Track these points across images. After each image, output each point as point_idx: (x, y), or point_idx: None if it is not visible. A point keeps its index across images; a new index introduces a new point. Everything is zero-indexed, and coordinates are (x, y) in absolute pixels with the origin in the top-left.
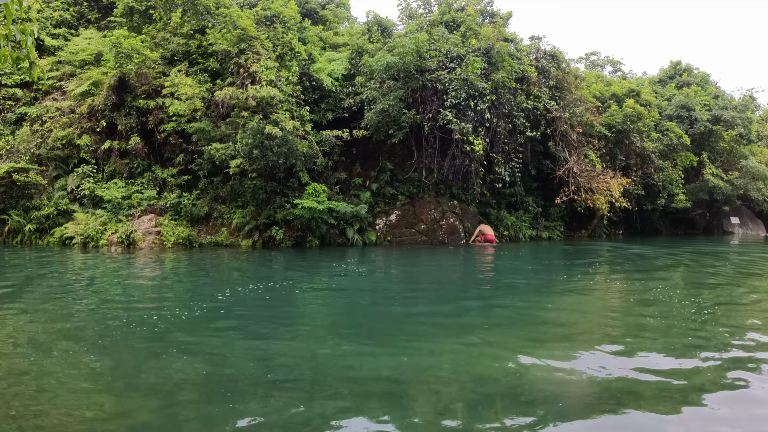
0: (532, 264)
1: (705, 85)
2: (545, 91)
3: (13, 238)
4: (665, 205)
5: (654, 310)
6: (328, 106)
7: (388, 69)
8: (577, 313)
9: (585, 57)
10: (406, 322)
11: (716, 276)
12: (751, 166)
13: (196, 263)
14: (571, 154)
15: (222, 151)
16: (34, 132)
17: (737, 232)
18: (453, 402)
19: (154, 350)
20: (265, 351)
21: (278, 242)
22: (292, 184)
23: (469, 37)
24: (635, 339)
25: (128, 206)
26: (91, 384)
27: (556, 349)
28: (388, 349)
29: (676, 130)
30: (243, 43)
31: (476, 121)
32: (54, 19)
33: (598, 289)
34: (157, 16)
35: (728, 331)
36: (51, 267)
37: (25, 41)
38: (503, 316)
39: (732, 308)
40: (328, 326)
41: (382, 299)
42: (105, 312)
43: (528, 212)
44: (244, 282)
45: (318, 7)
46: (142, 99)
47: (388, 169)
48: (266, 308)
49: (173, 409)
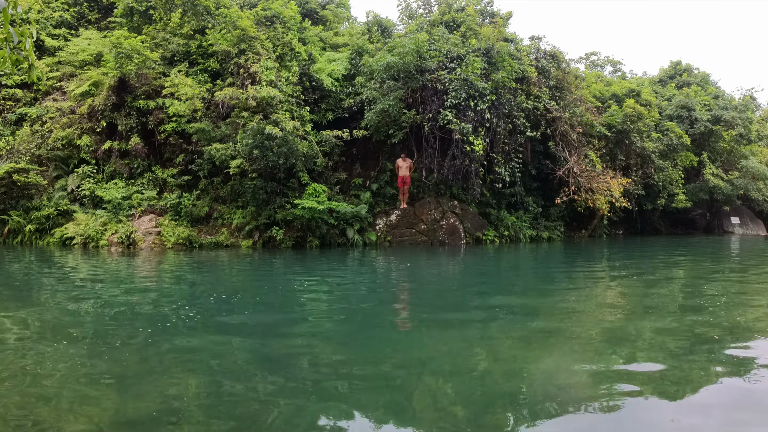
0: (532, 264)
1: (705, 85)
2: (545, 91)
3: (13, 238)
4: (665, 205)
5: (655, 310)
6: (328, 107)
7: (388, 69)
8: (578, 313)
9: (585, 57)
10: (406, 322)
11: (717, 273)
12: (751, 166)
13: (196, 264)
14: (571, 154)
15: (222, 151)
16: (34, 132)
17: (737, 231)
18: (453, 402)
19: (154, 351)
20: (266, 351)
21: (278, 242)
22: (293, 184)
23: (469, 37)
24: (636, 339)
25: (128, 207)
26: (89, 387)
27: (557, 350)
28: (388, 349)
29: (676, 130)
30: (243, 44)
31: (476, 121)
32: (54, 19)
33: (598, 289)
34: (157, 17)
35: (727, 330)
36: (51, 267)
37: (24, 44)
38: (504, 316)
39: (732, 307)
40: (329, 326)
41: (382, 299)
42: (105, 313)
43: (528, 212)
44: (244, 282)
45: (318, 8)
46: (142, 99)
47: (388, 170)
48: (266, 308)
49: (173, 410)
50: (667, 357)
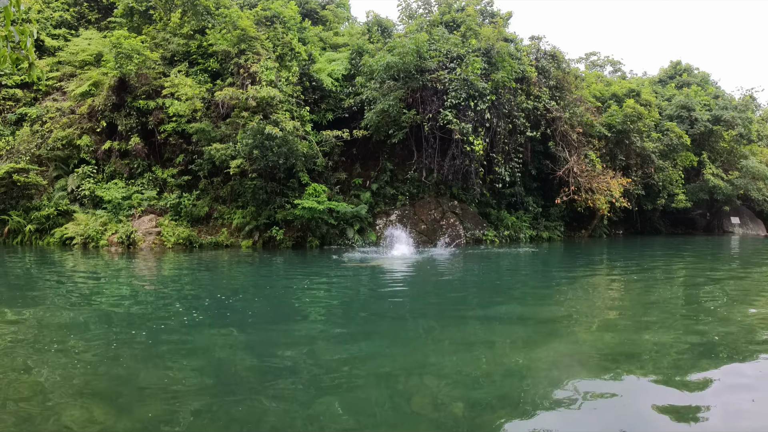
0: (533, 264)
1: (705, 85)
2: (545, 91)
3: (13, 238)
4: (665, 205)
5: (655, 310)
6: (328, 107)
7: (388, 69)
8: (578, 313)
9: (585, 57)
10: (406, 322)
11: (718, 271)
12: (751, 166)
13: (196, 264)
14: (571, 154)
15: (222, 151)
16: (34, 132)
17: (737, 231)
18: (453, 401)
19: (155, 352)
20: (266, 352)
21: (278, 242)
22: (293, 184)
23: (469, 37)
24: (636, 339)
25: (128, 207)
26: (88, 388)
27: (557, 349)
28: (388, 348)
29: (676, 130)
30: (243, 44)
31: (476, 121)
32: (54, 19)
33: (599, 289)
34: (157, 17)
35: (727, 327)
36: (50, 268)
37: (25, 42)
38: (504, 315)
39: (733, 305)
40: (328, 326)
41: (381, 299)
42: (104, 314)
43: (528, 212)
44: (244, 283)
45: (318, 8)
46: (142, 99)
47: (388, 170)
48: (267, 309)
49: (173, 411)
50: (667, 356)
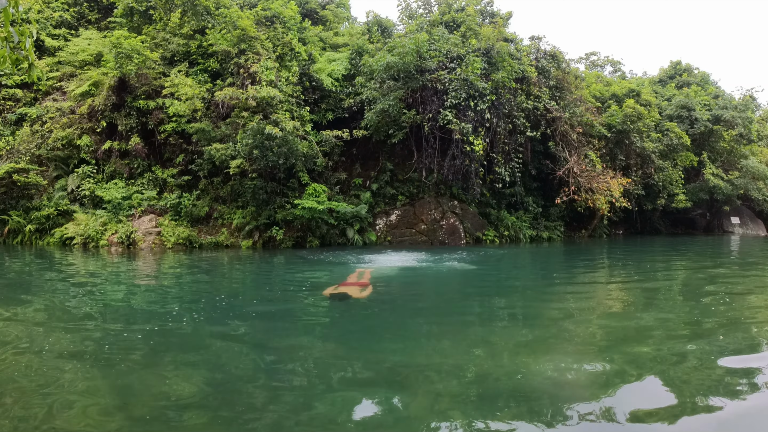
0: (532, 264)
1: (705, 85)
2: (545, 91)
3: (13, 238)
4: (665, 205)
5: (656, 310)
6: (328, 107)
7: (388, 69)
8: (578, 313)
9: (585, 57)
10: (406, 321)
11: (719, 269)
12: (751, 165)
13: (196, 264)
14: (571, 154)
15: (222, 151)
16: (34, 132)
17: (737, 231)
18: (453, 401)
19: (154, 352)
20: (266, 352)
21: (278, 242)
22: (292, 184)
23: (469, 37)
24: (637, 339)
25: (128, 207)
26: (88, 393)
27: (558, 350)
28: (388, 348)
29: (676, 130)
30: (243, 44)
31: (476, 121)
32: (54, 19)
33: (600, 289)
34: (157, 17)
35: (726, 327)
36: (50, 268)
37: (24, 43)
38: (505, 316)
39: (734, 305)
40: (328, 326)
41: (381, 300)
42: (104, 315)
43: (528, 212)
44: (244, 284)
45: (318, 8)
46: (142, 99)
47: (388, 170)
48: (267, 309)
49: (173, 411)
50: (668, 357)
